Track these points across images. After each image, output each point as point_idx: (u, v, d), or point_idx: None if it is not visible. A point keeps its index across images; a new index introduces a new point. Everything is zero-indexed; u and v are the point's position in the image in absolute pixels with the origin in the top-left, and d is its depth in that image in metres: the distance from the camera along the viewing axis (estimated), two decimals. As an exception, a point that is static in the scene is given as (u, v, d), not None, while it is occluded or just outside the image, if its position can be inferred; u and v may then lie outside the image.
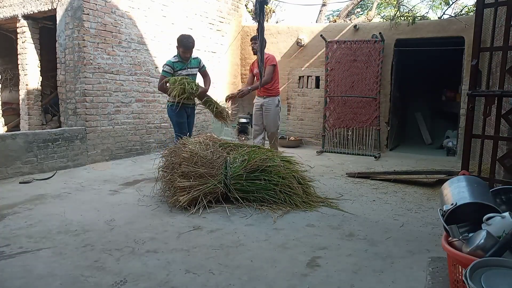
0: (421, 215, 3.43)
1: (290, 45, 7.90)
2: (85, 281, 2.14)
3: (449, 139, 7.21)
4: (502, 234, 1.15)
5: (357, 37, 7.09)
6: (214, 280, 2.17)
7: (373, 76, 6.77)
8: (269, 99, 5.02)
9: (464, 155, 2.71)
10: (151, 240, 2.74)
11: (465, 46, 6.21)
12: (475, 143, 4.12)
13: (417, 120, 8.80)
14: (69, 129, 5.19)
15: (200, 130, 7.47)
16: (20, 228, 2.92)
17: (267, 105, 5.02)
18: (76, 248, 2.58)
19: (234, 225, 3.09)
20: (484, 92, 2.67)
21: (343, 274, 2.26)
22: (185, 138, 4.02)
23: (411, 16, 7.55)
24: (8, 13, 6.36)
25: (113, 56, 5.61)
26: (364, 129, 6.92)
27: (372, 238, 2.85)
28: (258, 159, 3.60)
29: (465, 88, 6.08)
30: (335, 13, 15.18)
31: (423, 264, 1.89)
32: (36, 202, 3.60)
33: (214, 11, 7.61)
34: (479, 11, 2.65)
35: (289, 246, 2.68)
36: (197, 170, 3.45)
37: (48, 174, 4.69)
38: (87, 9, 5.19)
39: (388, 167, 5.59)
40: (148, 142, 6.32)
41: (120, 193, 4.01)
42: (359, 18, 12.15)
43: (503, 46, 2.58)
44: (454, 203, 1.35)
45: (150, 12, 6.16)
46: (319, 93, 7.63)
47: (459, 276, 1.16)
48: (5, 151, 4.43)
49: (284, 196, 3.52)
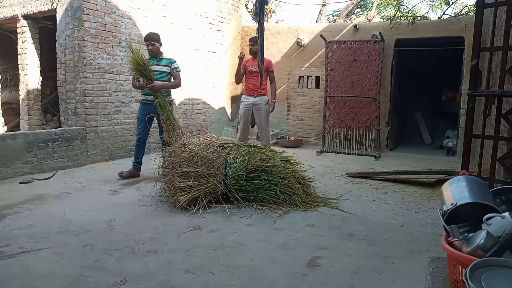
0: (421, 215, 3.43)
1: (290, 45, 7.90)
2: (85, 281, 2.14)
3: (449, 139, 7.21)
4: (502, 234, 1.15)
5: (357, 37, 7.10)
6: (214, 280, 2.17)
7: (373, 76, 6.77)
8: (260, 98, 5.13)
9: (464, 155, 2.71)
10: (151, 240, 2.74)
11: (465, 46, 6.21)
12: (475, 143, 4.12)
13: (417, 120, 8.80)
14: (69, 129, 5.18)
15: (200, 130, 7.47)
16: (20, 228, 2.92)
17: (259, 104, 5.12)
18: (76, 248, 2.58)
19: (234, 225, 3.09)
20: (484, 92, 2.67)
21: (343, 274, 2.26)
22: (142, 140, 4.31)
23: (411, 16, 7.54)
24: (8, 13, 6.36)
25: (113, 56, 5.61)
26: (364, 129, 6.92)
27: (372, 238, 2.85)
28: (258, 159, 3.60)
29: (465, 88, 6.08)
30: (335, 13, 15.19)
31: (423, 264, 1.89)
32: (36, 202, 3.60)
33: (214, 11, 7.61)
34: (479, 11, 2.65)
35: (289, 246, 2.68)
36: (197, 170, 3.45)
37: (48, 174, 4.69)
38: (87, 9, 5.19)
39: (388, 167, 5.59)
40: (148, 142, 6.30)
41: (120, 193, 4.01)
42: (359, 18, 12.15)
43: (503, 46, 2.58)
44: (454, 203, 1.35)
45: (150, 12, 6.16)
46: (319, 93, 7.63)
47: (459, 276, 1.16)
48: (5, 151, 4.42)
49: (284, 196, 3.52)
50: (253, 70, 5.06)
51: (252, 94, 5.12)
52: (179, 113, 6.95)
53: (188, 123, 7.20)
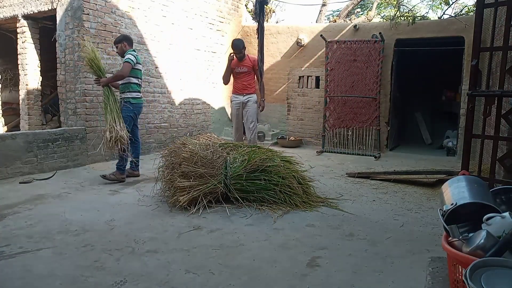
0: (421, 215, 3.43)
1: (290, 45, 7.90)
2: (85, 281, 2.14)
3: (449, 139, 7.21)
4: (502, 234, 1.15)
5: (357, 37, 7.09)
6: (214, 280, 2.17)
7: (373, 76, 6.77)
8: (249, 96, 5.20)
9: (464, 155, 2.71)
10: (151, 240, 2.74)
11: (465, 46, 6.21)
12: (475, 143, 4.12)
13: (417, 120, 8.79)
14: (69, 129, 5.18)
15: (200, 130, 7.47)
16: (20, 228, 2.92)
17: (248, 102, 5.19)
18: (76, 248, 2.58)
19: (234, 225, 3.09)
20: (484, 92, 2.67)
21: (343, 274, 2.26)
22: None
23: (411, 16, 7.54)
24: (8, 13, 6.36)
25: (113, 56, 5.61)
26: (364, 129, 6.92)
27: (372, 238, 2.85)
28: (258, 159, 3.60)
29: (465, 88, 6.08)
30: (335, 13, 15.19)
31: (423, 264, 1.89)
32: (36, 202, 3.60)
33: (214, 11, 7.61)
34: (479, 11, 2.65)
35: (289, 246, 2.68)
36: (197, 170, 3.45)
37: (48, 174, 4.69)
38: (87, 9, 5.19)
39: (388, 167, 5.59)
40: (148, 142, 6.32)
41: (120, 193, 4.01)
42: (359, 18, 12.15)
43: (503, 46, 2.58)
44: (454, 203, 1.35)
45: (150, 12, 6.16)
46: (319, 93, 7.63)
47: (459, 276, 1.16)
48: (5, 151, 4.42)
49: (284, 196, 3.52)
50: (240, 71, 5.15)
51: (241, 92, 5.20)
52: (179, 113, 6.96)
53: (188, 123, 7.20)
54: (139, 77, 4.64)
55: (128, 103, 4.51)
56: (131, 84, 4.53)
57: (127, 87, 4.53)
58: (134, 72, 4.52)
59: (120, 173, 4.46)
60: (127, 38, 4.67)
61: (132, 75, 4.50)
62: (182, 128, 7.06)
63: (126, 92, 4.54)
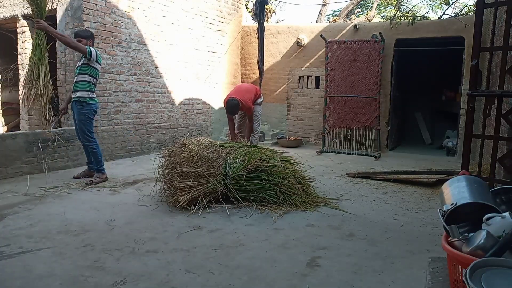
0: (421, 215, 3.43)
1: (290, 45, 7.90)
2: (85, 281, 2.14)
3: (449, 139, 7.22)
4: (502, 234, 1.15)
5: (357, 37, 7.10)
6: (214, 280, 2.17)
7: (373, 76, 6.77)
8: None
9: (464, 155, 2.71)
10: (151, 240, 2.74)
11: (465, 46, 6.21)
12: (475, 143, 4.12)
13: (417, 120, 8.80)
14: (69, 129, 5.18)
15: (200, 130, 7.47)
16: (20, 228, 2.92)
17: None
18: (76, 248, 2.58)
19: (234, 225, 3.09)
20: (484, 92, 2.67)
21: (343, 274, 2.26)
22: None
23: (411, 16, 7.55)
24: (8, 13, 6.35)
25: (113, 56, 5.61)
26: (364, 129, 6.92)
27: (372, 238, 2.85)
28: (258, 159, 3.60)
29: (465, 88, 6.08)
30: (335, 13, 15.18)
31: (423, 264, 1.89)
32: (36, 202, 3.60)
33: (214, 11, 7.61)
34: (479, 11, 2.64)
35: (289, 246, 2.68)
36: (197, 170, 3.45)
37: (48, 174, 4.68)
38: (87, 9, 5.19)
39: (388, 167, 5.58)
40: (148, 142, 6.32)
41: (120, 193, 4.01)
42: (359, 18, 12.15)
43: (503, 46, 2.58)
44: (454, 203, 1.35)
45: (150, 12, 6.16)
46: (319, 93, 7.64)
47: (459, 276, 1.15)
48: (5, 151, 4.42)
49: (284, 196, 3.52)
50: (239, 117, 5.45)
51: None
52: (179, 113, 6.96)
53: (188, 123, 7.20)
54: (97, 78, 4.34)
55: (85, 103, 4.22)
56: (89, 83, 4.23)
57: (84, 85, 4.20)
58: (93, 71, 4.24)
59: (102, 173, 4.44)
60: (93, 37, 4.41)
61: (90, 74, 4.22)
62: (182, 128, 7.06)
63: (83, 91, 4.20)
